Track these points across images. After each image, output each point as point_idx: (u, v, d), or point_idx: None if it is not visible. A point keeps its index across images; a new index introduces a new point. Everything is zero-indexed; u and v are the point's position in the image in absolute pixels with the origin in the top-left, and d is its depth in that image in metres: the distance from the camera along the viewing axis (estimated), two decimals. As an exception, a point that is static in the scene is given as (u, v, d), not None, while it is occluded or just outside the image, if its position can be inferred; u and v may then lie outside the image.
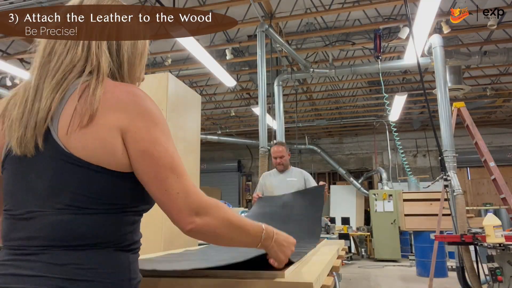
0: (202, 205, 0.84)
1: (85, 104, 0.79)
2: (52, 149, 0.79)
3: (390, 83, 9.92)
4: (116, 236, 0.81)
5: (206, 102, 10.69)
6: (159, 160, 0.82)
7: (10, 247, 0.81)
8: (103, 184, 0.80)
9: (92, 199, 0.79)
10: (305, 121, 12.55)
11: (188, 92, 3.49)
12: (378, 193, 10.05)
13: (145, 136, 0.81)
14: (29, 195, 0.81)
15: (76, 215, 0.78)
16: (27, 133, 0.81)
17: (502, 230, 3.18)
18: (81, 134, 0.78)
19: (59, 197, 0.78)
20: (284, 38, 6.63)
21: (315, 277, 1.05)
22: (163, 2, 6.06)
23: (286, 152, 3.83)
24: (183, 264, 1.28)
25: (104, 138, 0.79)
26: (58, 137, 0.79)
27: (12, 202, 0.83)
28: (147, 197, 0.86)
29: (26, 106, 0.83)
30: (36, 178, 0.81)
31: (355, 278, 7.03)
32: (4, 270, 0.78)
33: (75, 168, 0.78)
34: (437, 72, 5.09)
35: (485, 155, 4.65)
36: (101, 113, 0.79)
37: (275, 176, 3.86)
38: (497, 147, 12.74)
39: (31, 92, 0.84)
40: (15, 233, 0.81)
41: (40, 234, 0.78)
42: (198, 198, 0.84)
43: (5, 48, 7.42)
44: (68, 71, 0.85)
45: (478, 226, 4.55)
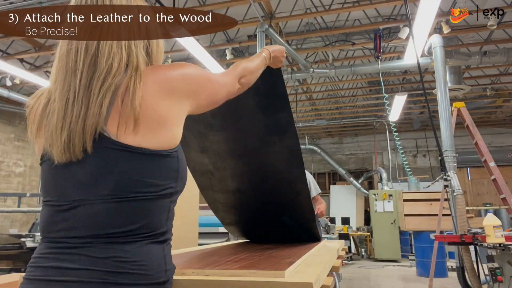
0: (234, 82, 1.13)
1: (127, 109, 0.81)
2: (101, 144, 0.81)
3: (390, 83, 9.92)
4: (153, 223, 0.84)
5: (206, 102, 10.69)
6: (211, 92, 1.01)
7: (50, 240, 0.83)
8: (146, 164, 0.82)
9: (135, 182, 0.81)
10: (305, 121, 12.55)
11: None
12: (378, 193, 10.05)
13: (202, 94, 0.96)
14: (70, 185, 0.82)
15: (120, 202, 0.80)
16: (72, 140, 0.81)
17: (502, 230, 3.18)
18: (135, 136, 0.82)
19: (104, 184, 0.80)
20: (284, 38, 6.63)
21: (315, 277, 1.05)
22: (163, 2, 6.06)
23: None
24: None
25: (164, 126, 0.85)
26: (111, 135, 0.81)
27: (53, 192, 0.84)
28: (182, 174, 0.91)
29: (67, 112, 0.82)
30: (79, 168, 0.82)
31: (355, 278, 7.03)
32: (46, 263, 0.80)
33: (120, 152, 0.81)
34: (437, 72, 5.09)
35: (485, 155, 4.65)
36: (153, 103, 0.84)
37: None
38: (497, 147, 12.74)
39: (73, 97, 0.83)
40: (56, 224, 0.82)
41: (82, 224, 0.79)
42: (232, 81, 1.12)
43: (5, 48, 7.43)
44: (118, 74, 0.85)
45: (478, 226, 4.55)
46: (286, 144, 1.67)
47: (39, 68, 8.09)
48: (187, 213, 3.24)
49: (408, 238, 10.06)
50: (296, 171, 1.71)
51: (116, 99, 0.82)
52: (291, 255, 1.51)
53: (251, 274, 1.05)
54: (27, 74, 7.57)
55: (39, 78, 7.81)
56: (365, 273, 7.60)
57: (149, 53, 0.97)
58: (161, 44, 1.02)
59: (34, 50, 7.39)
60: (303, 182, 1.72)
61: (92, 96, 0.82)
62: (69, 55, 0.87)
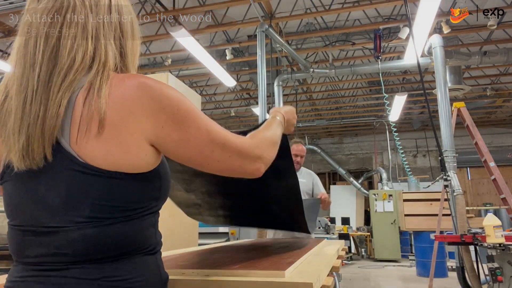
0: (253, 152, 0.88)
1: (90, 108, 0.71)
2: (64, 159, 0.71)
3: (390, 83, 9.92)
4: (141, 242, 0.78)
5: (206, 102, 10.69)
6: (196, 141, 0.78)
7: (28, 263, 0.74)
8: (123, 190, 0.74)
9: (112, 208, 0.73)
10: (305, 121, 12.55)
11: (188, 92, 3.49)
12: (378, 193, 10.05)
13: (174, 126, 0.76)
14: (40, 208, 0.73)
15: (98, 227, 0.72)
16: (31, 144, 0.71)
17: (502, 230, 3.17)
18: (97, 142, 0.71)
19: (78, 210, 0.71)
20: (284, 38, 6.63)
21: (315, 277, 1.05)
22: (163, 2, 6.05)
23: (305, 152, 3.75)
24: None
25: (126, 143, 0.72)
26: (70, 146, 0.71)
27: (21, 216, 0.76)
28: (164, 193, 0.84)
29: (25, 112, 0.72)
30: (46, 190, 0.73)
31: (355, 278, 7.03)
32: (26, 287, 0.73)
33: (92, 178, 0.71)
34: (437, 72, 5.09)
35: (485, 155, 4.65)
36: (115, 116, 0.72)
37: None
38: (497, 147, 12.75)
39: (31, 95, 0.72)
40: (31, 249, 0.74)
41: (64, 250, 0.71)
42: (248, 149, 0.86)
43: (5, 48, 7.43)
44: (81, 69, 0.75)
45: (478, 226, 4.55)
46: (285, 184, 1.48)
47: (39, 68, 8.09)
48: (187, 213, 3.24)
49: (408, 238, 10.06)
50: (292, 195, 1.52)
51: (78, 100, 0.72)
52: (291, 255, 1.51)
53: (251, 274, 1.05)
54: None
55: (39, 78, 7.81)
56: (365, 273, 7.60)
57: (123, 54, 0.85)
58: (136, 31, 0.89)
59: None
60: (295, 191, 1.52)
61: (52, 95, 0.71)
62: (27, 46, 0.75)
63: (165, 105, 0.75)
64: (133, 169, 0.74)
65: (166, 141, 0.76)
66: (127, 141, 0.73)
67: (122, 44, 0.85)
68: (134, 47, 0.88)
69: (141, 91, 0.74)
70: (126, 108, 0.73)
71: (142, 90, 0.74)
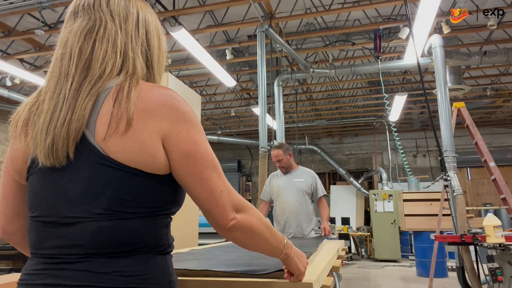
0: (241, 202, 0.86)
1: (120, 108, 0.78)
2: (88, 153, 0.77)
3: (390, 83, 9.92)
4: (153, 239, 0.82)
5: (206, 102, 10.69)
6: (202, 161, 0.83)
7: (43, 256, 0.78)
8: (140, 186, 0.79)
9: (129, 203, 0.78)
10: (305, 121, 12.54)
11: (188, 92, 3.49)
12: (378, 193, 10.05)
13: (187, 139, 0.82)
14: (61, 199, 0.78)
15: (114, 221, 0.76)
16: (56, 144, 0.78)
17: (502, 230, 3.17)
18: (120, 139, 0.77)
19: (96, 202, 0.76)
20: (284, 38, 6.63)
21: (315, 277, 1.05)
22: (163, 2, 6.05)
23: (285, 154, 3.69)
24: (199, 263, 1.27)
25: (144, 142, 0.78)
26: (96, 142, 0.77)
27: (42, 208, 0.80)
28: (178, 199, 0.88)
29: (54, 116, 0.80)
30: (69, 182, 0.78)
31: (355, 278, 7.03)
32: (41, 280, 0.76)
33: (113, 171, 0.77)
34: (437, 72, 5.09)
35: (485, 155, 4.65)
36: (139, 117, 0.78)
37: (281, 177, 3.76)
38: (497, 147, 12.74)
39: (62, 101, 0.80)
40: (48, 241, 0.78)
41: (80, 242, 0.75)
42: (237, 196, 0.86)
43: (5, 48, 7.43)
44: (108, 78, 0.83)
45: (478, 226, 4.55)
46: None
47: (39, 68, 8.08)
48: (187, 213, 3.24)
49: (408, 238, 10.06)
50: None
51: (106, 101, 0.80)
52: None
53: (251, 274, 1.05)
54: (27, 74, 7.57)
55: (39, 78, 7.81)
56: (365, 273, 7.60)
57: (149, 65, 0.93)
58: (163, 43, 0.98)
59: (34, 50, 7.39)
60: None
61: (80, 100, 0.79)
62: (63, 60, 0.85)
63: (187, 118, 0.84)
64: (150, 169, 0.80)
65: (175, 149, 0.81)
66: (146, 140, 0.78)
67: (149, 56, 0.93)
68: (160, 58, 0.97)
69: (169, 100, 0.83)
70: (152, 111, 0.80)
71: (170, 99, 0.83)
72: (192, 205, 3.73)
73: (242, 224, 0.84)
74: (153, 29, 0.95)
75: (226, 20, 6.62)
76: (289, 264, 1.00)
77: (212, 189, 0.82)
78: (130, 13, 0.91)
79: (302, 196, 3.63)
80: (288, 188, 3.65)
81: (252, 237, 0.88)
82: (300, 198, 3.62)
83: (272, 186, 3.77)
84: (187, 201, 0.90)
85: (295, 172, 3.77)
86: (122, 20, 0.89)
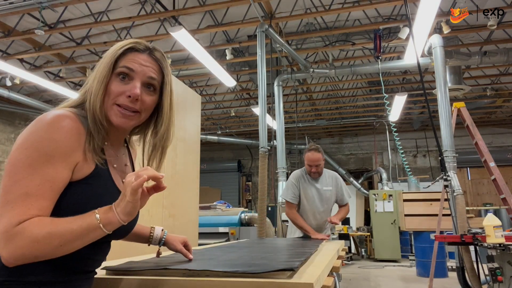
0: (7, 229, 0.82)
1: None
2: None
3: (390, 83, 9.92)
4: None
5: (206, 102, 10.69)
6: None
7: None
8: None
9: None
10: (305, 121, 12.55)
11: (188, 92, 3.49)
12: (378, 193, 10.05)
13: (12, 151, 0.87)
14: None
15: None
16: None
17: (502, 230, 3.17)
18: None
19: None
20: (284, 38, 6.63)
21: (316, 278, 1.05)
22: (163, 2, 6.05)
23: (323, 158, 3.40)
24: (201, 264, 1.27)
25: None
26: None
27: None
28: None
29: None
30: None
31: (355, 278, 7.03)
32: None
33: None
34: (437, 72, 5.09)
35: (485, 155, 4.65)
36: None
37: (310, 184, 3.49)
38: (497, 147, 12.75)
39: None
40: None
41: None
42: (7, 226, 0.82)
43: (5, 48, 7.42)
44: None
45: (478, 226, 4.55)
46: None
47: (39, 68, 8.08)
48: (187, 213, 3.24)
49: (408, 238, 10.06)
50: None
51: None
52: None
53: (251, 274, 1.05)
54: (27, 74, 7.57)
55: (39, 78, 7.81)
56: (365, 273, 7.60)
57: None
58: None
59: (34, 50, 7.39)
60: None
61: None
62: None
63: (21, 137, 0.92)
64: None
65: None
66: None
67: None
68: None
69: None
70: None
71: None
72: (192, 205, 3.71)
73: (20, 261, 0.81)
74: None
75: (226, 20, 6.62)
76: (126, 208, 0.87)
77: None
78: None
79: (330, 205, 3.55)
80: (317, 197, 3.48)
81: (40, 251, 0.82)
82: (328, 207, 3.53)
83: (301, 189, 3.51)
84: (187, 201, 0.90)
85: (322, 178, 3.52)
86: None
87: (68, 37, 7.21)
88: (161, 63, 1.06)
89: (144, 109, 1.02)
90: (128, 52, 1.02)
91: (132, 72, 1.00)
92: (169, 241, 1.37)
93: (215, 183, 15.00)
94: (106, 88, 0.98)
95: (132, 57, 1.01)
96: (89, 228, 0.85)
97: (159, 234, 1.35)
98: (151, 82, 1.02)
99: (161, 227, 1.37)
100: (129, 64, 1.00)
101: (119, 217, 0.87)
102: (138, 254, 1.66)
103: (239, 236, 5.06)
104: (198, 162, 3.58)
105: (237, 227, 5.18)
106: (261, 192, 4.42)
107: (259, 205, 4.50)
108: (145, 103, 1.01)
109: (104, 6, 6.32)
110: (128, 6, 6.45)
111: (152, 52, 1.05)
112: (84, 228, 0.84)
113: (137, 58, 1.02)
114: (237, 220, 5.31)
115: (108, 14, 6.49)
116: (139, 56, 1.02)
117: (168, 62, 5.91)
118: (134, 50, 1.03)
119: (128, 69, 1.00)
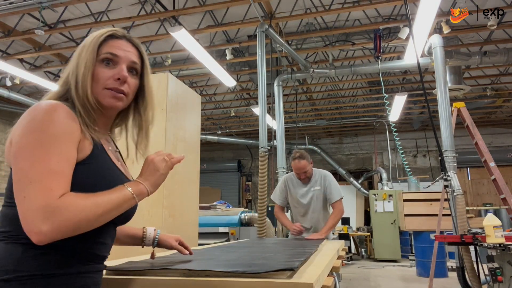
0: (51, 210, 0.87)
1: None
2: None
3: (390, 83, 9.92)
4: (16, 229, 0.89)
5: (206, 102, 10.69)
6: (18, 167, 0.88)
7: None
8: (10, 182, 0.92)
9: (6, 192, 0.94)
10: (305, 121, 12.55)
11: (188, 92, 3.49)
12: (378, 193, 10.05)
13: (17, 140, 0.89)
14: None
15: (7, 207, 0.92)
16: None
17: (502, 230, 3.17)
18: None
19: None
20: (284, 38, 6.63)
21: (316, 278, 1.05)
22: (163, 2, 6.05)
23: (309, 163, 3.45)
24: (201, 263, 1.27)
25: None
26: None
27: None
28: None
29: None
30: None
31: (355, 278, 7.03)
32: None
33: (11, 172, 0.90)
34: (437, 72, 5.08)
35: (485, 155, 4.65)
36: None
37: (299, 186, 3.57)
38: (497, 147, 12.74)
39: None
40: None
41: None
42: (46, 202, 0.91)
43: (5, 48, 7.42)
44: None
45: (478, 226, 4.55)
46: None
47: (39, 68, 8.08)
48: (187, 213, 3.24)
49: (408, 238, 10.06)
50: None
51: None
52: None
53: (251, 274, 1.05)
54: (27, 74, 7.57)
55: (39, 78, 7.81)
56: (365, 273, 7.60)
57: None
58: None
59: (34, 50, 7.39)
60: None
61: None
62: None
63: (25, 121, 0.95)
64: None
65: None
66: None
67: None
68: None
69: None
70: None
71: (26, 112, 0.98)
72: (192, 205, 3.70)
73: (53, 238, 0.83)
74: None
75: (226, 20, 6.62)
76: (158, 180, 1.05)
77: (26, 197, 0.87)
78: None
79: (323, 205, 3.53)
80: (307, 197, 3.52)
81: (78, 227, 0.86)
82: (319, 207, 3.52)
83: (290, 191, 3.60)
84: (187, 201, 0.91)
85: (313, 179, 3.56)
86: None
87: (68, 37, 7.21)
88: (140, 48, 1.12)
89: (130, 92, 1.07)
90: (109, 39, 1.06)
91: (116, 58, 1.04)
92: (163, 240, 1.38)
93: (215, 183, 15.00)
94: (92, 74, 1.01)
95: (113, 44, 1.05)
96: (125, 198, 0.95)
97: (152, 234, 1.35)
98: (133, 66, 1.07)
99: (153, 227, 1.37)
100: (112, 50, 1.04)
101: (148, 189, 1.01)
102: (138, 254, 1.66)
103: (239, 236, 5.06)
104: (198, 162, 3.57)
105: (237, 227, 5.18)
106: (261, 192, 4.42)
107: (259, 205, 4.50)
108: (130, 85, 1.07)
109: (104, 6, 6.32)
110: (128, 6, 6.45)
111: (131, 38, 1.10)
112: (121, 199, 0.94)
113: (118, 44, 1.06)
114: (237, 220, 5.30)
115: (108, 14, 6.49)
116: (119, 43, 1.06)
117: (168, 62, 5.88)
118: (114, 37, 1.07)
119: (112, 55, 1.03)
